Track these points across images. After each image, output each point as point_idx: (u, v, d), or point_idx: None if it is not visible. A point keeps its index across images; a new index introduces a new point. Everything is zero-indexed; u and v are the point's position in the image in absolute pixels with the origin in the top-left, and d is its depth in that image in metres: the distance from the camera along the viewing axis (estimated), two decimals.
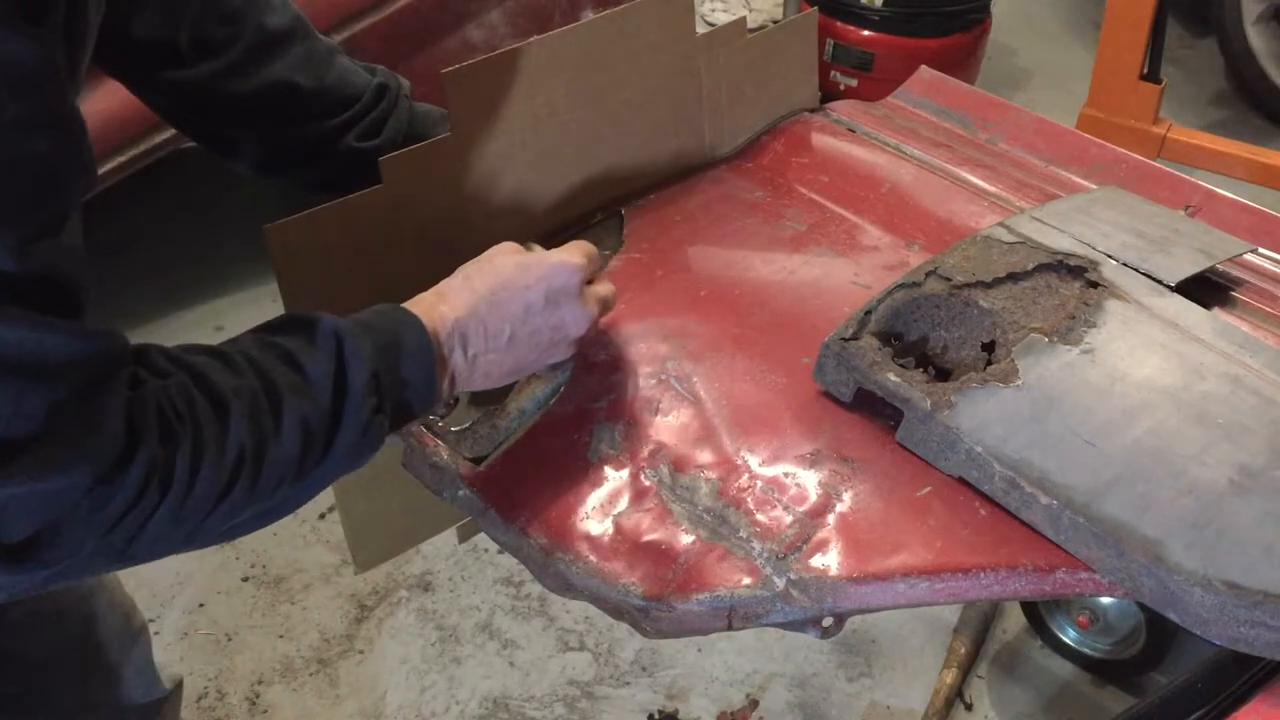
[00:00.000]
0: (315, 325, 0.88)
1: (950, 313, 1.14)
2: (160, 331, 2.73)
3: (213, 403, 0.80)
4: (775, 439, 1.09)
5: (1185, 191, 1.44)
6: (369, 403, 0.88)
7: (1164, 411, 1.02)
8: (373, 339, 0.90)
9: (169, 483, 0.77)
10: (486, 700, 2.00)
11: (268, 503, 0.85)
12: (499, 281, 0.99)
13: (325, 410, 0.85)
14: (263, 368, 0.84)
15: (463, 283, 0.99)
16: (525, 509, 1.07)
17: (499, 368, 1.01)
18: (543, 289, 1.00)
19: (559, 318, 1.02)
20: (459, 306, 0.97)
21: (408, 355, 0.92)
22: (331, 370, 0.86)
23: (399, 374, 0.91)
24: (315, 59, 1.16)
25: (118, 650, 1.34)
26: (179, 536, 0.80)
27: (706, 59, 1.38)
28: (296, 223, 1.09)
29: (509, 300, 0.99)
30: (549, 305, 1.01)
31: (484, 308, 0.98)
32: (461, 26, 2.70)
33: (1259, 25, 3.41)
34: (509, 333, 0.99)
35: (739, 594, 0.98)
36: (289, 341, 0.87)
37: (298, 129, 1.16)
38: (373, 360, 0.88)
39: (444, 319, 0.96)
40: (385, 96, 1.21)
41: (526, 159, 1.26)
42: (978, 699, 2.01)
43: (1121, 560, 0.92)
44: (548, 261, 1.01)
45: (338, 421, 0.86)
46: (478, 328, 0.98)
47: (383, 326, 0.92)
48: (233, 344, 0.88)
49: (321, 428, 0.85)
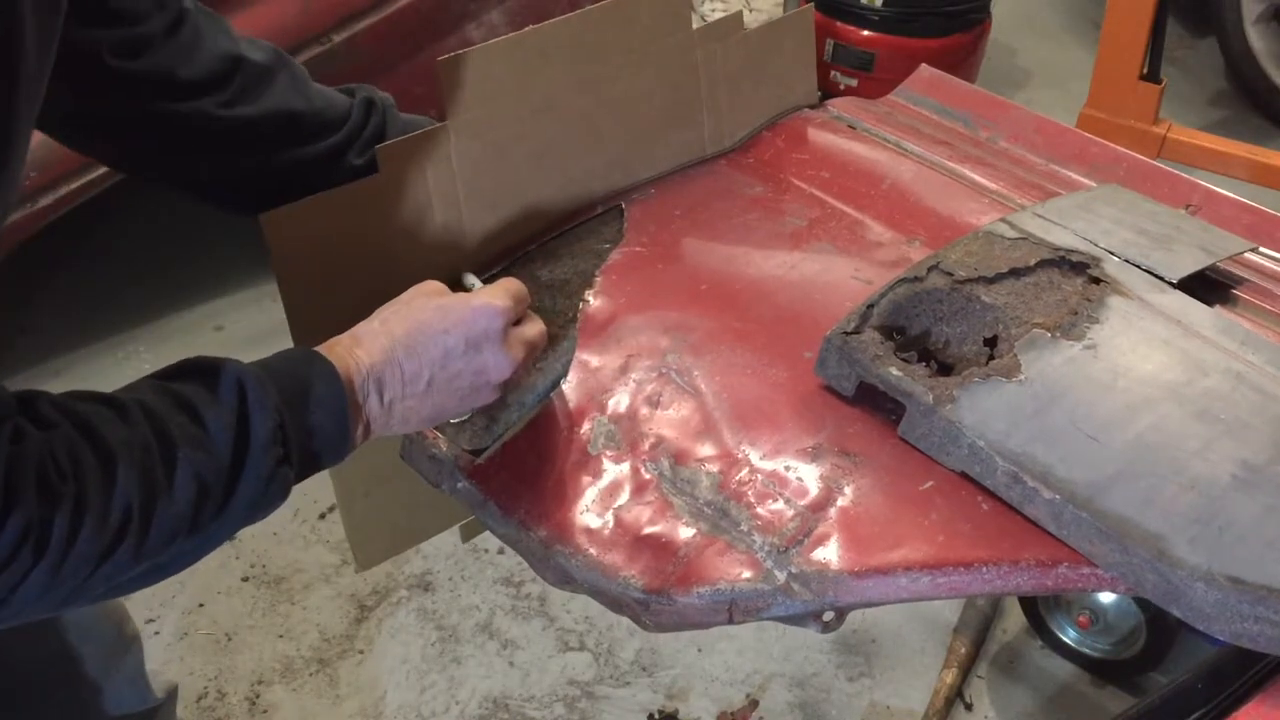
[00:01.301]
0: (218, 372, 0.85)
1: (952, 308, 1.14)
2: (160, 331, 2.73)
3: (99, 457, 0.76)
4: (776, 433, 1.08)
5: (1185, 191, 1.44)
6: (273, 454, 0.84)
7: (1166, 407, 1.02)
8: (279, 386, 0.86)
9: (45, 545, 0.73)
10: (486, 700, 2.00)
11: (160, 558, 0.81)
12: (416, 325, 0.96)
13: (224, 462, 0.82)
14: (158, 417, 0.80)
15: (379, 326, 0.96)
16: (525, 501, 1.07)
17: (416, 414, 0.98)
18: (462, 333, 0.97)
19: (480, 362, 0.99)
20: (374, 351, 0.94)
21: (317, 403, 0.88)
22: (233, 420, 0.83)
23: (308, 422, 0.88)
24: (301, 83, 1.15)
25: (105, 662, 1.33)
26: (56, 599, 0.76)
27: (704, 52, 1.38)
28: (293, 212, 1.09)
29: (427, 345, 0.96)
30: (469, 350, 0.98)
31: (400, 353, 0.95)
32: (461, 26, 2.70)
33: (1259, 25, 3.41)
34: (427, 378, 0.96)
35: (740, 587, 0.98)
36: (188, 389, 0.84)
37: (299, 152, 1.14)
38: (278, 410, 0.85)
39: (358, 364, 0.93)
40: (373, 112, 1.20)
41: (524, 150, 1.25)
42: (978, 699, 2.01)
43: (1124, 555, 0.92)
44: (469, 304, 0.98)
45: (238, 474, 0.83)
46: (394, 373, 0.94)
47: (292, 373, 0.89)
48: (129, 391, 0.84)
49: (219, 480, 0.82)
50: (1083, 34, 3.91)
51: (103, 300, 2.79)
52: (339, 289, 1.16)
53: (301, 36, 2.50)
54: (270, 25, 2.46)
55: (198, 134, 1.08)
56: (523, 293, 1.04)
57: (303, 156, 1.14)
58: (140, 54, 1.01)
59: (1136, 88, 2.74)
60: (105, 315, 2.75)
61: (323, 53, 2.52)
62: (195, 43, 1.05)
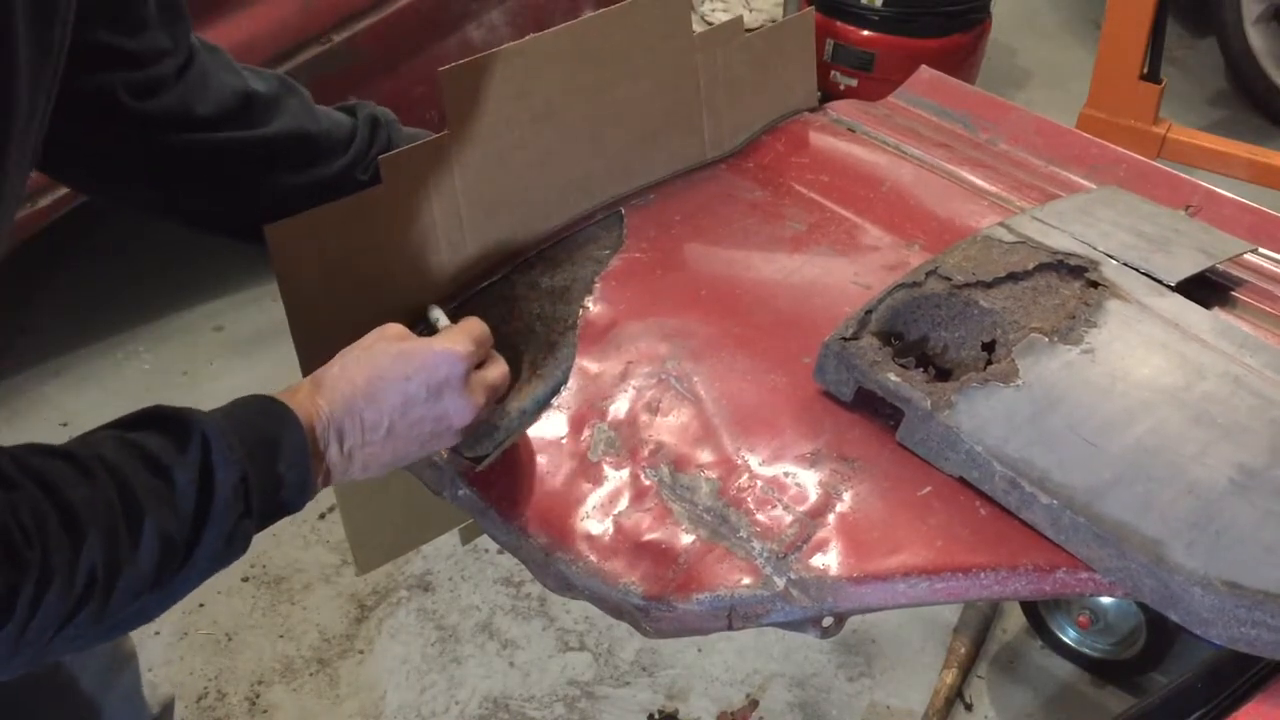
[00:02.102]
0: (182, 424, 0.84)
1: (950, 312, 1.14)
2: (160, 331, 2.73)
3: (64, 520, 0.74)
4: (775, 438, 1.08)
5: (1185, 191, 1.44)
6: (236, 508, 0.84)
7: (1164, 411, 1.02)
8: (243, 438, 0.85)
9: (9, 613, 0.72)
10: (486, 700, 2.00)
11: (118, 617, 0.80)
12: (377, 373, 0.95)
13: (187, 518, 0.81)
14: (121, 474, 0.79)
15: (339, 373, 0.95)
16: (525, 508, 1.07)
17: (377, 460, 0.97)
18: (423, 380, 0.96)
19: (441, 409, 0.97)
20: (335, 399, 0.93)
21: (280, 453, 0.88)
22: (196, 475, 0.82)
23: (274, 473, 0.87)
24: (309, 106, 1.15)
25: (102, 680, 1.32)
26: (15, 664, 0.75)
27: (704, 57, 1.38)
28: (297, 223, 1.09)
29: (387, 392, 0.95)
30: (430, 397, 0.96)
31: (361, 401, 0.94)
32: (461, 26, 2.70)
33: (1259, 25, 3.40)
34: (387, 425, 0.95)
35: (739, 594, 0.98)
36: (152, 441, 0.82)
37: (312, 175, 1.14)
38: (242, 463, 0.84)
39: (319, 412, 0.92)
40: (378, 129, 1.20)
41: (524, 157, 1.26)
42: (978, 699, 2.01)
43: (1122, 560, 0.92)
44: (430, 350, 0.97)
45: (201, 529, 0.82)
46: (354, 421, 0.94)
47: (255, 423, 0.88)
48: (89, 444, 0.82)
49: (183, 537, 0.81)
50: (1083, 34, 3.91)
51: (103, 300, 2.79)
52: (342, 299, 1.16)
53: (301, 36, 2.50)
54: (270, 25, 2.46)
55: (214, 166, 1.08)
56: (484, 335, 1.03)
57: (315, 179, 1.14)
58: (156, 94, 1.01)
59: (1136, 88, 2.74)
60: (105, 315, 2.75)
61: (323, 53, 2.52)
62: (205, 81, 1.05)
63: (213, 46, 1.09)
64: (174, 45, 1.03)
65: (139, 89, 1.00)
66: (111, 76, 0.98)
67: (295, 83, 1.16)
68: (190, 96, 1.04)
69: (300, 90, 1.15)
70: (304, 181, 1.13)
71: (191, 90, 1.04)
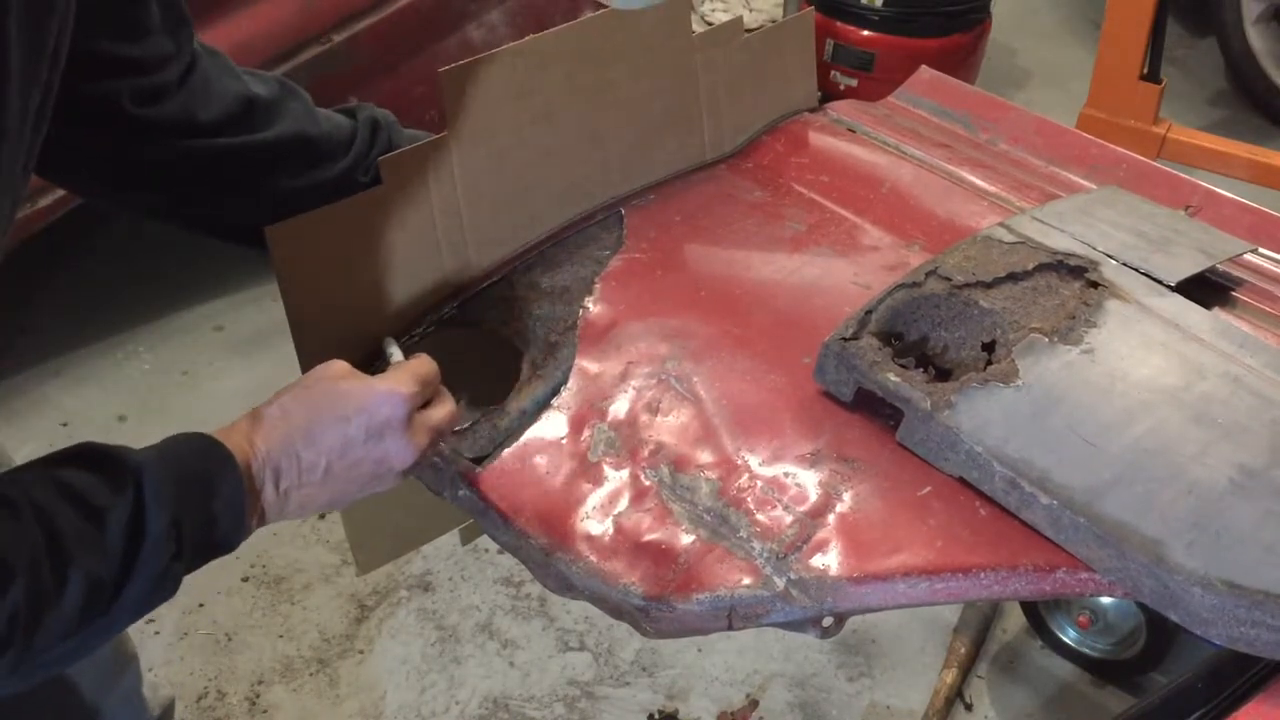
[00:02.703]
0: (115, 464, 0.82)
1: (950, 312, 1.14)
2: (160, 331, 2.73)
3: None
4: (775, 439, 1.09)
5: (1185, 191, 1.44)
6: (166, 550, 0.82)
7: (1164, 411, 1.02)
8: (177, 478, 0.84)
9: None
10: (486, 700, 2.00)
11: (40, 660, 0.78)
12: (316, 413, 0.93)
13: (115, 561, 0.79)
14: (48, 516, 0.77)
15: (278, 412, 0.94)
16: (525, 509, 1.07)
17: (314, 501, 0.95)
18: (363, 422, 0.94)
19: (381, 451, 0.95)
20: (272, 439, 0.91)
21: (218, 494, 0.86)
22: (127, 517, 0.80)
23: (208, 512, 0.86)
24: (310, 108, 1.15)
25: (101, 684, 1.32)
26: None
27: (704, 58, 1.38)
28: (297, 224, 1.09)
29: (325, 433, 0.93)
30: (370, 438, 0.94)
31: (299, 441, 0.92)
32: (461, 26, 2.70)
33: (1259, 25, 3.40)
34: (324, 466, 0.93)
35: (739, 594, 0.98)
36: (83, 480, 0.80)
37: (313, 177, 1.14)
38: (175, 504, 0.82)
39: (256, 451, 0.91)
40: (379, 131, 1.19)
41: (524, 157, 1.26)
42: (978, 699, 2.01)
43: (1122, 560, 0.92)
44: (372, 391, 0.95)
45: (129, 572, 0.80)
46: (290, 462, 0.92)
47: (190, 463, 0.86)
48: (17, 482, 0.79)
49: (109, 580, 0.79)
50: (1083, 34, 3.90)
51: (103, 300, 2.79)
52: (342, 299, 1.16)
53: (301, 36, 2.50)
54: (270, 25, 2.46)
55: (216, 171, 1.08)
56: (431, 374, 1.01)
57: (315, 181, 1.13)
58: (159, 101, 1.01)
59: (1136, 88, 2.74)
60: (105, 315, 2.75)
61: (323, 53, 2.52)
62: (207, 86, 1.05)
63: (214, 51, 1.09)
64: (177, 51, 1.02)
65: (142, 96, 1.00)
66: (115, 84, 0.97)
67: (296, 86, 1.16)
68: (192, 103, 1.04)
69: (301, 93, 1.15)
70: (305, 184, 1.13)
71: (193, 96, 1.04)
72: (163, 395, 2.58)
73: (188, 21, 1.04)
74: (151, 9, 0.99)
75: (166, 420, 2.51)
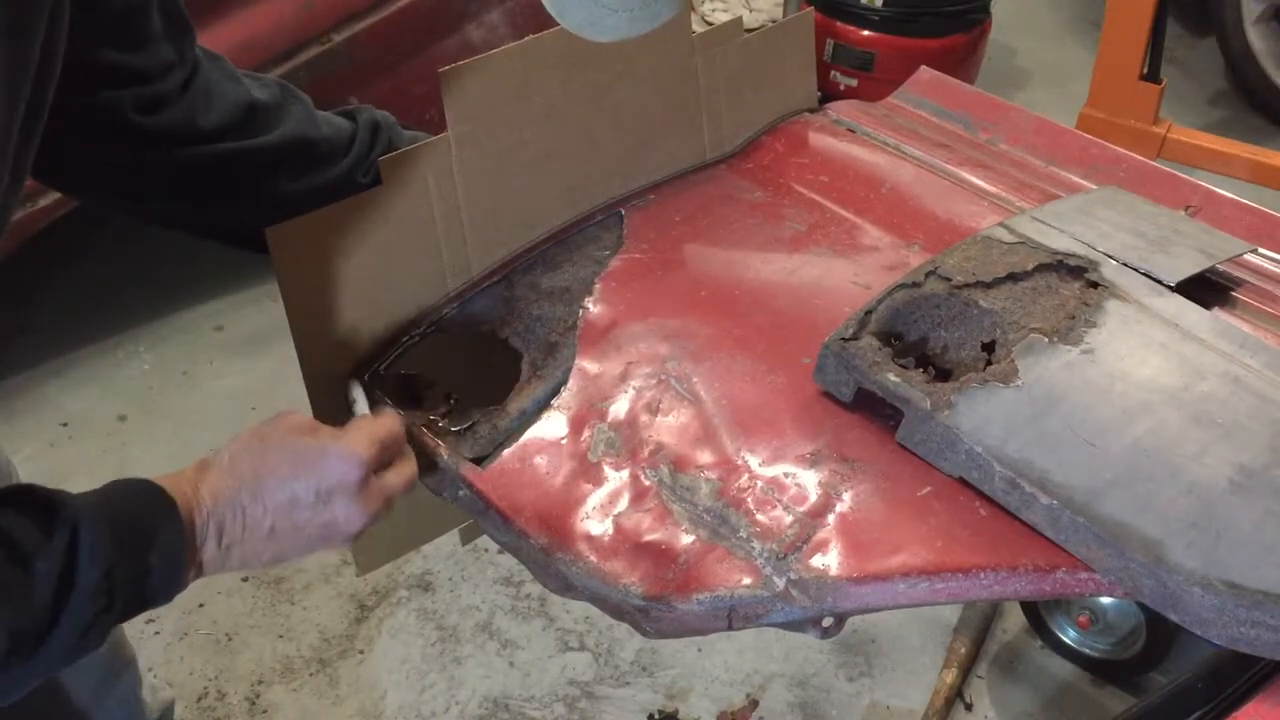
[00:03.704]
0: (52, 511, 0.79)
1: (950, 313, 1.14)
2: (160, 331, 2.73)
3: None
4: (775, 439, 1.09)
5: (1185, 191, 1.44)
6: (96, 603, 0.80)
7: (1164, 411, 1.02)
8: (115, 527, 0.81)
9: None
10: (486, 700, 2.00)
11: None
12: (265, 470, 0.90)
13: (42, 612, 0.77)
14: None
15: (228, 464, 0.91)
16: (525, 509, 1.07)
17: (257, 558, 0.92)
18: (313, 483, 0.91)
19: (329, 514, 0.92)
20: (219, 492, 0.89)
21: (153, 546, 0.84)
22: (58, 568, 0.78)
23: (141, 565, 0.83)
24: (310, 111, 1.15)
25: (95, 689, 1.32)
26: None
27: (703, 59, 1.38)
28: (297, 225, 1.09)
29: (273, 491, 0.90)
30: (318, 501, 0.91)
31: (245, 496, 0.89)
32: (461, 26, 2.70)
33: (1259, 25, 3.41)
34: (269, 525, 0.90)
35: (739, 594, 0.98)
36: (18, 525, 0.78)
37: (314, 180, 1.14)
38: (109, 556, 0.80)
39: (201, 505, 0.88)
40: (379, 132, 1.19)
41: (525, 158, 1.26)
42: (978, 699, 2.01)
43: (1121, 560, 0.92)
44: (325, 452, 0.92)
45: (54, 623, 0.78)
46: (235, 517, 0.89)
47: (131, 511, 0.84)
48: None
49: (33, 630, 0.77)
50: (1083, 34, 3.90)
51: (103, 300, 2.79)
52: (342, 300, 1.16)
53: (301, 36, 2.50)
54: (270, 25, 2.46)
55: (217, 177, 1.08)
56: (392, 435, 0.99)
57: (316, 184, 1.13)
58: (161, 109, 1.02)
59: (1136, 88, 2.74)
60: (105, 315, 2.75)
61: (323, 53, 2.52)
62: (208, 92, 1.05)
63: (215, 55, 1.09)
64: (179, 58, 1.03)
65: (144, 105, 1.00)
66: (118, 94, 0.97)
67: (296, 89, 1.16)
68: (194, 109, 1.04)
69: (301, 96, 1.16)
70: (305, 187, 1.13)
71: (195, 103, 1.04)
72: (163, 395, 2.58)
73: (190, 28, 1.04)
74: (153, 17, 0.99)
75: (166, 420, 2.51)
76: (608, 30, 0.90)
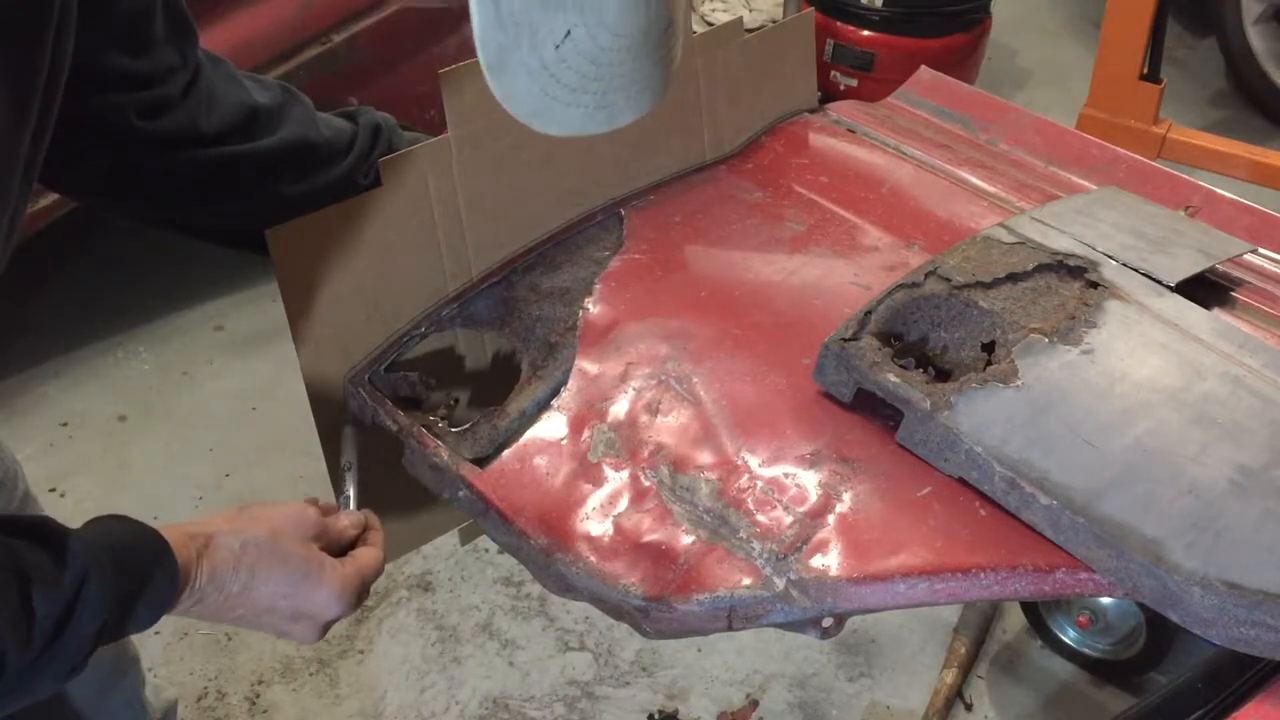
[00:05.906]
0: (65, 553, 0.81)
1: (950, 313, 1.14)
2: (160, 331, 2.73)
3: None
4: (775, 439, 1.09)
5: (1185, 191, 1.44)
6: (85, 649, 0.82)
7: (1164, 412, 1.02)
8: (119, 577, 0.84)
9: None
10: (486, 700, 2.00)
11: None
12: (264, 573, 0.95)
13: (36, 648, 0.79)
14: None
15: (237, 551, 0.95)
16: (525, 510, 1.07)
17: (213, 620, 0.98)
18: (295, 604, 0.98)
19: (290, 628, 1.00)
20: (216, 573, 0.93)
21: (144, 598, 0.87)
22: (60, 610, 0.79)
23: (130, 612, 0.86)
24: (311, 113, 1.15)
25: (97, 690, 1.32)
26: None
27: (704, 59, 1.38)
28: (298, 226, 1.09)
29: (260, 594, 0.96)
30: (290, 618, 0.99)
31: (235, 586, 0.94)
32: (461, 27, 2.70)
33: (1259, 25, 3.41)
34: (239, 614, 0.96)
35: (739, 594, 0.98)
36: (31, 556, 0.80)
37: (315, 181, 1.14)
38: (109, 610, 0.82)
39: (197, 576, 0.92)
40: (379, 133, 1.20)
41: (524, 159, 1.26)
42: (978, 699, 2.01)
43: (1121, 560, 0.92)
44: (322, 584, 0.98)
45: (44, 659, 0.80)
46: (218, 594, 0.94)
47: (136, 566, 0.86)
48: None
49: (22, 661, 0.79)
50: (1083, 34, 3.90)
51: (103, 300, 2.79)
52: (342, 300, 1.16)
53: (301, 36, 2.50)
54: (270, 25, 2.46)
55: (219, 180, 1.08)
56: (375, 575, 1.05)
57: (317, 186, 1.13)
58: (163, 113, 1.02)
59: (1136, 88, 2.74)
60: (105, 315, 2.76)
61: (323, 53, 2.52)
62: (210, 96, 1.06)
63: (217, 58, 1.09)
64: (182, 62, 1.03)
65: (147, 109, 1.00)
66: (121, 98, 0.98)
67: (297, 91, 1.16)
68: (196, 113, 1.04)
69: (302, 99, 1.16)
70: (306, 189, 1.13)
71: (197, 107, 1.04)
72: (163, 395, 2.58)
73: (192, 31, 1.04)
74: (156, 21, 0.99)
75: (166, 420, 2.51)
76: (557, 124, 0.85)
